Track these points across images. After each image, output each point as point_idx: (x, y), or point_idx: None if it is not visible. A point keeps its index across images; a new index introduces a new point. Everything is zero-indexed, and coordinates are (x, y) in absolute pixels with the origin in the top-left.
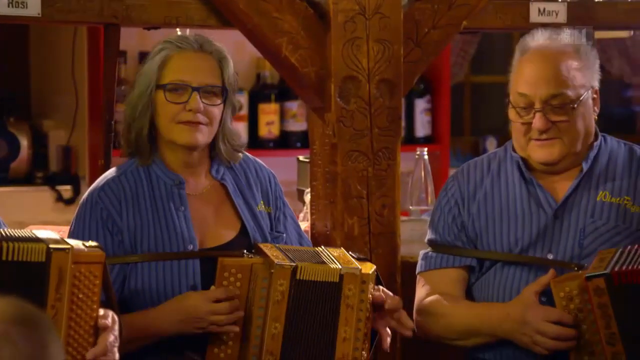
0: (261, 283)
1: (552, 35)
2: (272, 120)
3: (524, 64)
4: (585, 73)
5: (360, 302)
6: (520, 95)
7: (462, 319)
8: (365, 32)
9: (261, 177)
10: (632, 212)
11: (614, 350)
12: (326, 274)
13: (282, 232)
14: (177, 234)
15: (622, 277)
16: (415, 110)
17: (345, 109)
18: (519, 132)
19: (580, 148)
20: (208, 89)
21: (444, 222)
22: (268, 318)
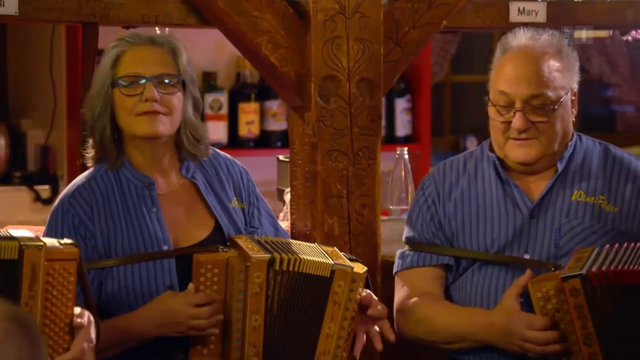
0: (238, 276)
1: (534, 35)
2: (252, 119)
3: (506, 62)
4: (566, 75)
5: (348, 301)
6: (501, 94)
7: (446, 325)
8: (345, 31)
9: (233, 173)
10: (606, 211)
11: (590, 351)
12: (316, 267)
13: (257, 227)
14: (150, 236)
15: (598, 278)
16: (395, 109)
17: (325, 109)
18: (497, 130)
19: (557, 149)
20: (162, 79)
21: (422, 220)
22: (247, 311)
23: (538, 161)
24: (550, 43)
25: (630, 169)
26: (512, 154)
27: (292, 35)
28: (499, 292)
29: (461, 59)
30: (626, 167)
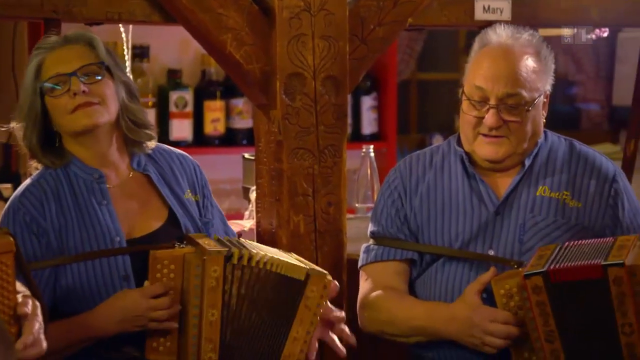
0: (194, 271)
1: (514, 33)
2: (217, 117)
3: (484, 57)
4: (542, 77)
5: (317, 307)
6: (477, 89)
7: (406, 318)
8: (310, 28)
9: (186, 167)
10: (570, 206)
11: (552, 348)
12: (290, 269)
13: (210, 219)
14: (102, 229)
15: (559, 275)
16: (361, 107)
17: (291, 106)
18: (468, 124)
19: (525, 148)
20: (84, 70)
21: (387, 214)
22: (204, 305)
23: (505, 159)
24: (530, 43)
25: (594, 164)
26: (480, 150)
27: (257, 33)
28: (462, 288)
29: (427, 56)
30: (590, 163)
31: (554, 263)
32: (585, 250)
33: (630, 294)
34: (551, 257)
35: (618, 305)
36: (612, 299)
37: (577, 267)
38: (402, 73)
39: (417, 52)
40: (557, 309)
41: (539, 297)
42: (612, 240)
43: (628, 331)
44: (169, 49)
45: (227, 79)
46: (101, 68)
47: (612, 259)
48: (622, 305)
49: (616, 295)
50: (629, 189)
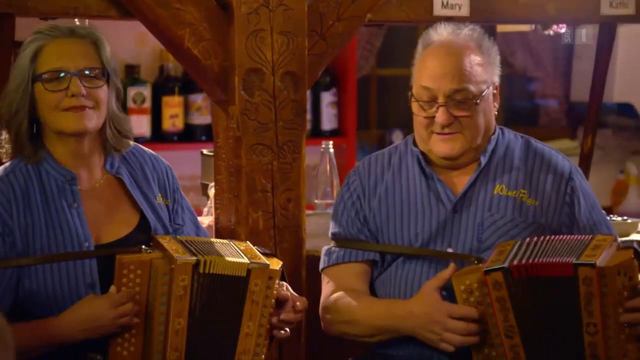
0: (162, 279)
1: (455, 30)
2: (176, 113)
3: (428, 57)
4: (487, 69)
5: (265, 298)
6: (424, 89)
7: (367, 317)
8: (269, 24)
9: (158, 169)
10: (527, 205)
11: (512, 343)
12: (233, 268)
13: (180, 224)
14: (70, 232)
15: (519, 271)
16: (321, 103)
17: (250, 102)
18: (421, 125)
19: (480, 142)
20: (87, 72)
21: (347, 216)
22: (171, 314)
23: (462, 155)
24: (471, 37)
25: (550, 162)
26: (436, 148)
27: (215, 28)
28: (421, 286)
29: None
30: (547, 161)
31: (514, 259)
32: (545, 246)
33: (598, 295)
34: (511, 253)
35: (585, 304)
36: (580, 298)
37: (546, 263)
38: (362, 69)
39: (377, 48)
40: (517, 304)
41: (499, 292)
42: (589, 239)
43: (592, 331)
44: (126, 44)
45: (186, 75)
46: (104, 74)
47: (585, 259)
48: (589, 305)
49: (584, 294)
50: (585, 186)
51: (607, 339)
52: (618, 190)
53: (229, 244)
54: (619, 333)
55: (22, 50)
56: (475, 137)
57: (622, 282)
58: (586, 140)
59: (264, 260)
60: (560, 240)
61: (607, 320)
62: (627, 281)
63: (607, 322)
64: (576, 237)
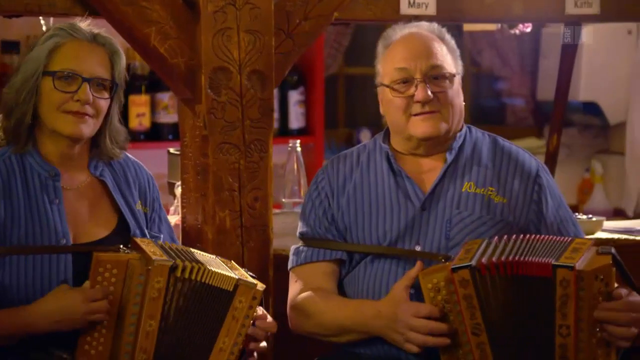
0: (137, 279)
1: (412, 24)
2: (142, 111)
3: (396, 46)
4: (454, 57)
5: (245, 318)
6: (399, 70)
7: (335, 317)
8: (235, 22)
9: (140, 177)
10: (495, 202)
11: (478, 340)
12: (220, 280)
13: (156, 234)
14: (49, 228)
15: (486, 269)
16: (289, 102)
17: (216, 101)
18: (398, 109)
19: (455, 126)
20: (98, 82)
21: (315, 215)
22: (143, 315)
23: (442, 135)
24: (432, 30)
25: (518, 160)
26: (416, 130)
27: (182, 26)
28: (390, 285)
29: (355, 51)
30: (514, 159)
31: (481, 257)
32: (512, 245)
33: (574, 298)
34: (478, 252)
35: (560, 306)
36: (556, 300)
37: (504, 261)
38: (330, 67)
39: (345, 47)
40: (483, 302)
41: (466, 290)
42: (568, 241)
43: (564, 333)
44: None
45: (152, 73)
46: (113, 87)
47: (564, 261)
48: (564, 307)
49: (560, 296)
50: (552, 183)
51: (579, 341)
52: (584, 188)
53: (215, 259)
54: (590, 337)
55: (40, 44)
56: (453, 117)
57: (599, 287)
58: (552, 139)
59: (252, 279)
60: (538, 239)
61: (580, 324)
62: (604, 287)
63: (580, 325)
64: (555, 237)
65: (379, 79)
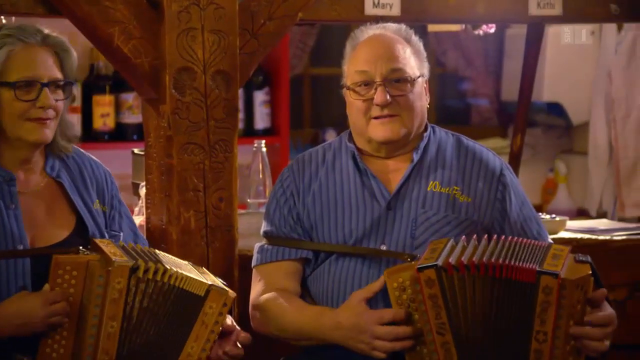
0: (97, 281)
1: (380, 26)
2: (107, 112)
3: (360, 48)
4: (419, 60)
5: (215, 324)
6: (360, 73)
7: (294, 323)
8: (200, 22)
9: (97, 175)
10: (460, 201)
11: (443, 340)
12: (192, 284)
13: (117, 231)
14: (6, 233)
15: (451, 268)
16: (254, 102)
17: (181, 101)
18: (359, 112)
19: (415, 130)
20: (55, 84)
21: (280, 214)
22: (104, 316)
23: (401, 140)
24: (399, 32)
25: (482, 159)
26: (376, 133)
27: (146, 26)
28: (354, 283)
29: (320, 51)
30: (478, 158)
31: (447, 257)
32: (517, 249)
33: (555, 305)
34: (444, 251)
35: (540, 312)
36: (536, 306)
37: (469, 262)
38: (295, 68)
39: (310, 47)
40: (449, 301)
41: (431, 290)
42: (546, 247)
43: (541, 339)
44: None
45: (117, 73)
46: (69, 86)
47: (548, 268)
48: (544, 313)
49: (541, 302)
50: (516, 182)
51: (554, 348)
52: (548, 188)
53: (187, 264)
54: (565, 344)
55: None
56: (413, 121)
57: (578, 297)
58: (516, 139)
59: (223, 285)
60: (515, 242)
61: (558, 331)
62: (582, 296)
63: (557, 333)
64: (533, 242)
65: (344, 79)
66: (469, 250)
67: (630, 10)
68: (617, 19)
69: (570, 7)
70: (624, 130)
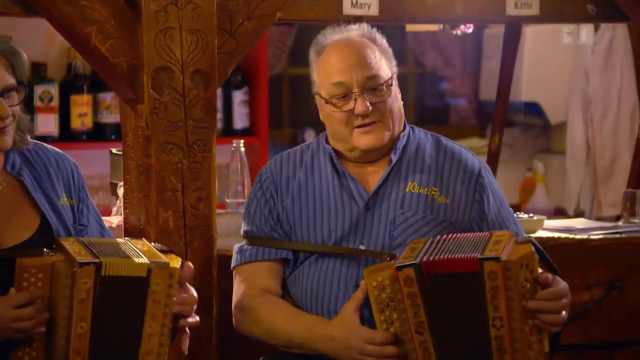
0: (64, 282)
1: (343, 29)
2: (85, 112)
3: (329, 57)
4: (387, 59)
5: (167, 297)
6: (337, 85)
7: (285, 331)
8: (178, 22)
9: (63, 168)
10: (439, 202)
11: (422, 339)
12: (133, 269)
13: (85, 224)
14: None
15: (430, 267)
16: (233, 102)
17: (159, 101)
18: (340, 123)
19: (398, 130)
20: (10, 91)
21: (260, 214)
22: (73, 318)
23: (387, 144)
24: (363, 33)
25: (460, 160)
26: (360, 142)
27: (123, 26)
28: (334, 284)
29: (299, 51)
30: (457, 159)
31: (426, 255)
32: (462, 243)
33: (503, 288)
34: (423, 250)
35: (491, 298)
36: (486, 293)
37: (453, 259)
38: (274, 68)
39: (289, 47)
40: (427, 300)
41: (410, 288)
42: (488, 235)
43: (498, 325)
44: (33, 42)
45: (95, 73)
46: (23, 90)
47: (489, 253)
48: (495, 299)
49: (490, 288)
50: (494, 183)
51: (513, 331)
52: (526, 187)
53: (126, 244)
54: (523, 325)
55: None
56: (394, 124)
57: (525, 275)
58: (494, 139)
59: (164, 258)
60: (464, 237)
61: (512, 313)
62: (529, 274)
63: (512, 315)
64: (476, 234)
65: (316, 88)
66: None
67: (606, 10)
68: (594, 19)
69: (547, 7)
70: (601, 130)
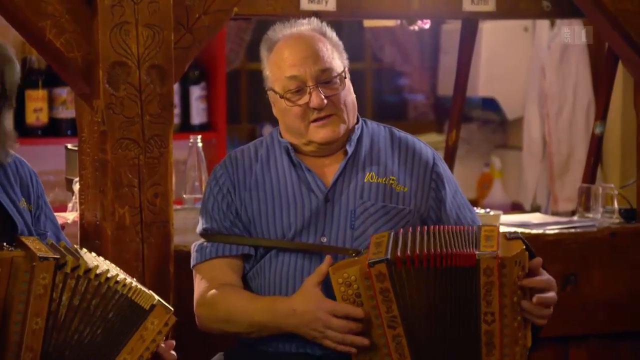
0: (22, 277)
1: (293, 24)
2: (40, 107)
3: (281, 52)
4: (338, 52)
5: (152, 342)
6: (291, 79)
7: (246, 314)
8: (134, 16)
9: (22, 173)
10: (397, 191)
11: (394, 333)
12: (140, 296)
13: (43, 231)
14: None
15: (402, 262)
16: (190, 97)
17: (115, 96)
18: (295, 117)
19: (351, 123)
20: None
21: (219, 209)
22: (29, 313)
23: (342, 137)
24: (314, 27)
25: (415, 150)
26: (316, 136)
27: (78, 20)
28: (297, 278)
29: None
30: (411, 149)
31: (395, 250)
32: (448, 237)
33: (498, 285)
34: (389, 245)
35: (485, 294)
36: (480, 288)
37: (420, 254)
38: (232, 63)
39: (247, 42)
40: (399, 295)
41: (382, 284)
42: (476, 230)
43: (490, 320)
44: None
45: (50, 68)
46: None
47: (485, 249)
48: (489, 294)
49: (484, 284)
50: (447, 170)
51: (504, 327)
52: (483, 183)
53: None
54: (512, 321)
55: None
56: (349, 116)
57: (517, 272)
58: (451, 134)
59: (169, 307)
60: (446, 230)
61: (504, 309)
62: (521, 271)
63: (504, 311)
64: (462, 227)
65: (269, 84)
66: (410, 243)
67: (561, 6)
68: (549, 15)
69: (503, 3)
70: (557, 125)
